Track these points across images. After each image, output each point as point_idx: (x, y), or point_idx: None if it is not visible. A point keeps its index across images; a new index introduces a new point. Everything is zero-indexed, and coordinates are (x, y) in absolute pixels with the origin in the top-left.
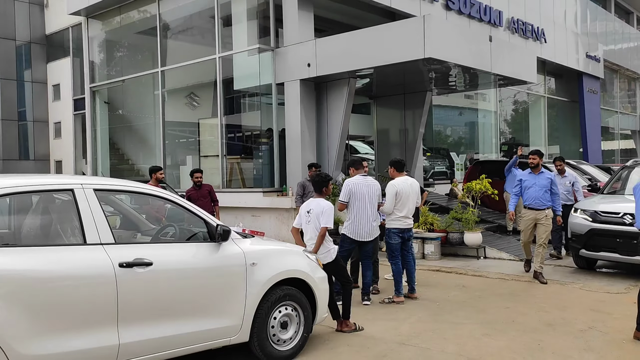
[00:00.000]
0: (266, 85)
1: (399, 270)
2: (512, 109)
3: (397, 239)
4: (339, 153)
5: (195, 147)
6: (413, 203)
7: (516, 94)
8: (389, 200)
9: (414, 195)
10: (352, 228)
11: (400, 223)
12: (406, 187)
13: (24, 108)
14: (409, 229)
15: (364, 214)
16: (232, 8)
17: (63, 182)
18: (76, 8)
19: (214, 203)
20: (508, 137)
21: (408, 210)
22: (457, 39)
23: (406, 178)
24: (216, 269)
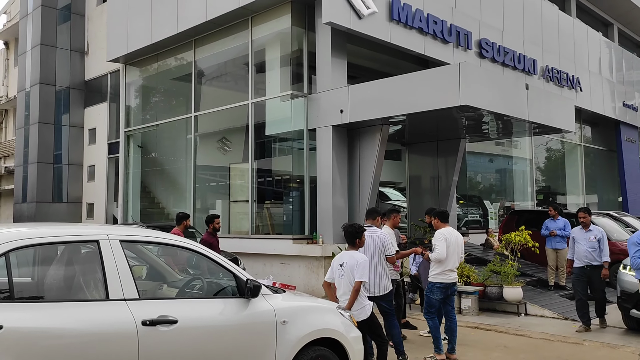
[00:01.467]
0: (298, 131)
1: (436, 325)
2: (548, 157)
3: (440, 295)
4: (371, 200)
5: (226, 191)
6: (458, 256)
7: (548, 141)
8: (440, 246)
9: (459, 248)
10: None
11: (446, 277)
12: (452, 238)
13: (60, 151)
14: (454, 283)
15: (372, 267)
16: (266, 55)
17: (89, 233)
18: (115, 55)
19: None
20: (544, 185)
21: (453, 264)
22: (492, 87)
23: (452, 230)
24: (245, 327)
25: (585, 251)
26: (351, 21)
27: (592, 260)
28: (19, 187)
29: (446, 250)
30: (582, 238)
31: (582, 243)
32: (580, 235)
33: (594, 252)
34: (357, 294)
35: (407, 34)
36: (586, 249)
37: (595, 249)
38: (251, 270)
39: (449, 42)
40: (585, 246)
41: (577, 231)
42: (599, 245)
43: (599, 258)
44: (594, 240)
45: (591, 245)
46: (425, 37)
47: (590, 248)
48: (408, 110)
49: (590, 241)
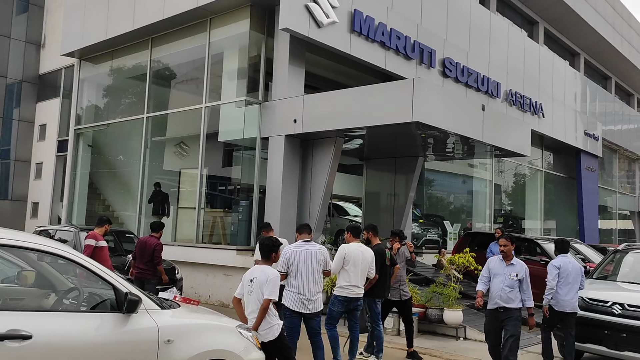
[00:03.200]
0: (250, 139)
1: (334, 336)
2: (509, 180)
3: (341, 308)
4: (321, 213)
5: (175, 197)
6: (364, 272)
7: (516, 166)
8: (335, 262)
9: (365, 264)
10: (293, 299)
11: (348, 292)
12: (357, 253)
13: (8, 146)
14: (358, 298)
15: (308, 284)
16: (223, 59)
17: None
18: (70, 49)
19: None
20: (504, 208)
21: (357, 279)
22: (449, 105)
23: (359, 246)
24: (118, 345)
25: (500, 289)
26: (309, 29)
27: (506, 301)
28: None
29: (341, 265)
30: (501, 272)
31: (499, 279)
32: (499, 268)
33: (510, 293)
34: (264, 313)
35: (369, 47)
36: (502, 286)
37: (513, 288)
38: (193, 281)
39: (412, 58)
40: (502, 283)
41: (496, 262)
42: (519, 286)
43: (515, 301)
44: (514, 279)
45: (509, 284)
46: (388, 51)
47: (507, 286)
48: (362, 123)
49: (510, 278)
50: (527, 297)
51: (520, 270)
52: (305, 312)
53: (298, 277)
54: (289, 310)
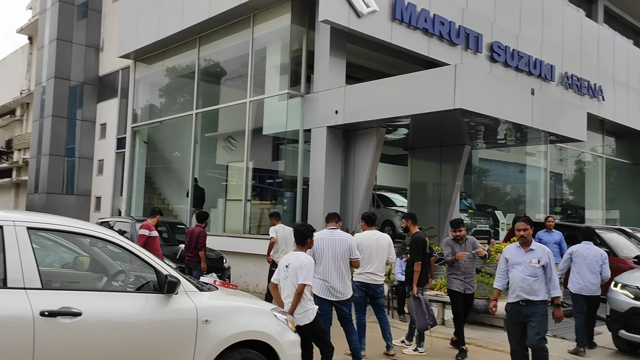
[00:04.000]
0: (293, 131)
1: (360, 323)
2: (568, 168)
3: (359, 293)
4: (364, 204)
5: (224, 189)
6: (381, 258)
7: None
8: None
9: (381, 250)
10: (320, 286)
11: (363, 277)
12: (370, 241)
13: (73, 145)
14: (375, 285)
15: (332, 271)
16: (266, 54)
17: None
18: (126, 51)
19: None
20: (564, 198)
21: (375, 267)
22: (495, 91)
23: (374, 232)
24: (160, 324)
25: (521, 280)
26: (349, 20)
27: (529, 293)
28: (32, 178)
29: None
30: (520, 260)
31: (519, 268)
32: (518, 255)
33: (534, 283)
34: (299, 297)
35: (411, 35)
36: (523, 276)
37: (536, 277)
38: (241, 270)
39: (457, 44)
40: (522, 272)
41: (513, 250)
42: (543, 273)
43: (540, 293)
44: (536, 266)
45: (532, 272)
46: (431, 38)
47: (529, 275)
48: (402, 112)
49: (531, 266)
50: (553, 286)
51: (543, 255)
52: (332, 299)
53: (322, 265)
54: (317, 297)
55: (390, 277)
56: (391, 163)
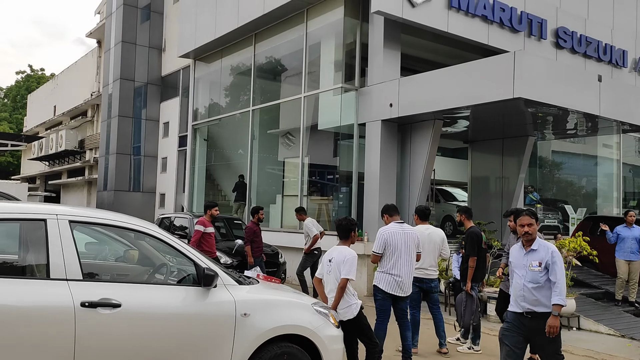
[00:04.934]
0: (348, 126)
1: (414, 319)
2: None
3: (414, 288)
4: (421, 198)
5: (280, 185)
6: (433, 254)
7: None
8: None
9: (434, 246)
10: (386, 280)
11: (417, 272)
12: (423, 236)
13: (139, 144)
14: (430, 279)
15: (404, 265)
16: (320, 47)
17: (37, 212)
18: (185, 51)
19: None
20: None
21: (427, 262)
22: (558, 78)
23: (427, 227)
24: (198, 316)
25: (521, 288)
26: (403, 10)
27: (532, 303)
28: (101, 176)
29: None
30: (520, 263)
31: (520, 273)
32: (518, 257)
33: (537, 291)
34: (342, 292)
35: (469, 23)
36: (523, 282)
37: (539, 284)
38: (295, 265)
39: (519, 30)
40: (522, 278)
41: (515, 251)
42: (546, 276)
43: (547, 300)
44: (536, 269)
45: (532, 278)
46: (490, 25)
47: (530, 282)
48: (458, 103)
49: (531, 270)
50: (555, 291)
51: (545, 255)
52: (400, 294)
53: (394, 259)
54: (382, 292)
55: (448, 274)
56: (450, 156)
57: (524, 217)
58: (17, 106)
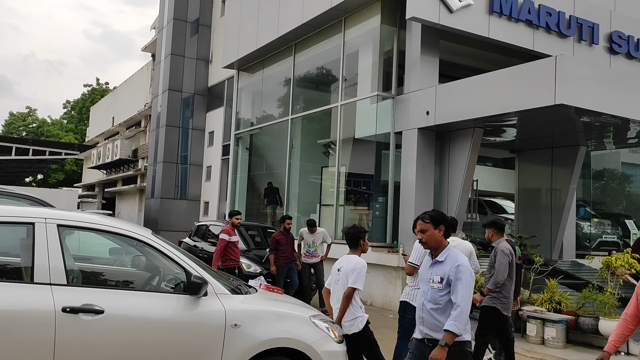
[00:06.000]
0: (384, 134)
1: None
2: None
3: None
4: (460, 210)
5: (318, 195)
6: None
7: None
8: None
9: None
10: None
11: None
12: None
13: (185, 153)
14: None
15: None
16: (358, 56)
17: (25, 215)
18: (229, 61)
19: None
20: None
21: None
22: (607, 84)
23: (453, 239)
24: (185, 325)
25: (421, 307)
26: (439, 15)
27: (432, 328)
28: (149, 184)
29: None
30: (424, 276)
31: (423, 288)
32: (424, 268)
33: (437, 313)
34: (348, 301)
35: (512, 28)
36: (423, 302)
37: (439, 305)
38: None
39: (568, 35)
40: (423, 296)
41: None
42: (448, 296)
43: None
44: (436, 287)
45: (432, 297)
46: (536, 30)
47: (430, 301)
48: (497, 111)
49: (432, 287)
50: (452, 314)
51: (449, 269)
52: None
53: None
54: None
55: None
56: (497, 166)
57: (418, 221)
58: (83, 118)
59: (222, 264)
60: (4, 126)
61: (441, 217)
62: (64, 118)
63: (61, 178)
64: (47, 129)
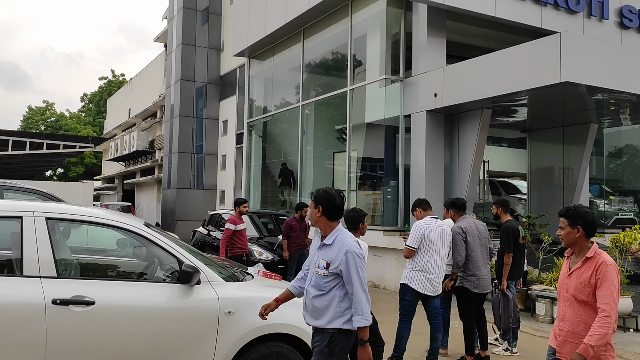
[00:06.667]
0: (393, 118)
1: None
2: None
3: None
4: (470, 191)
5: (330, 180)
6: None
7: None
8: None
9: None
10: (418, 279)
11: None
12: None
13: (200, 142)
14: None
15: (438, 262)
16: (365, 40)
17: (13, 209)
18: (239, 49)
19: None
20: None
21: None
22: (615, 60)
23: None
24: (177, 315)
25: (306, 292)
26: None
27: (313, 314)
28: (166, 175)
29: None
30: (312, 259)
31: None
32: (312, 250)
33: (317, 300)
34: None
35: (519, 6)
36: (308, 287)
37: (322, 291)
38: None
39: (577, 11)
40: (307, 281)
41: (313, 241)
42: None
43: (324, 315)
44: (321, 273)
45: (316, 282)
46: (544, 7)
47: (313, 287)
48: (503, 90)
49: (317, 272)
50: (355, 309)
51: (337, 255)
52: (432, 293)
53: (428, 256)
54: (413, 292)
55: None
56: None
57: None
58: (101, 110)
59: (230, 252)
60: (22, 121)
61: (325, 198)
62: (82, 111)
63: (81, 171)
64: (66, 123)
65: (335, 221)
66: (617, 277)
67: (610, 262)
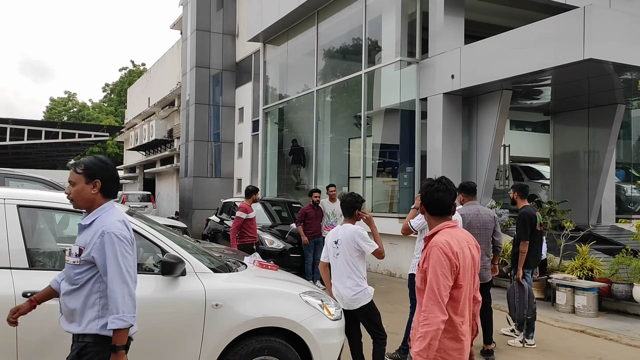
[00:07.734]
0: (409, 101)
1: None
2: None
3: None
4: (489, 176)
5: (346, 167)
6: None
7: None
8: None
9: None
10: None
11: None
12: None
13: (216, 130)
14: None
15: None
16: (380, 21)
17: None
18: (254, 34)
19: None
20: None
21: None
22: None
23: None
24: (161, 307)
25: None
26: None
27: (67, 318)
28: (183, 163)
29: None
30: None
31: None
32: None
33: (69, 298)
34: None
35: None
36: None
37: (74, 285)
38: None
39: None
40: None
41: None
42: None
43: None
44: (73, 260)
45: (67, 274)
46: None
47: (65, 281)
48: (523, 70)
49: (67, 261)
50: (111, 303)
51: (93, 237)
52: None
53: None
54: None
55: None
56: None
57: (70, 171)
58: (122, 100)
59: (239, 241)
60: (45, 112)
61: (100, 169)
62: (104, 101)
63: None
64: (88, 113)
65: (108, 199)
66: None
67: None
